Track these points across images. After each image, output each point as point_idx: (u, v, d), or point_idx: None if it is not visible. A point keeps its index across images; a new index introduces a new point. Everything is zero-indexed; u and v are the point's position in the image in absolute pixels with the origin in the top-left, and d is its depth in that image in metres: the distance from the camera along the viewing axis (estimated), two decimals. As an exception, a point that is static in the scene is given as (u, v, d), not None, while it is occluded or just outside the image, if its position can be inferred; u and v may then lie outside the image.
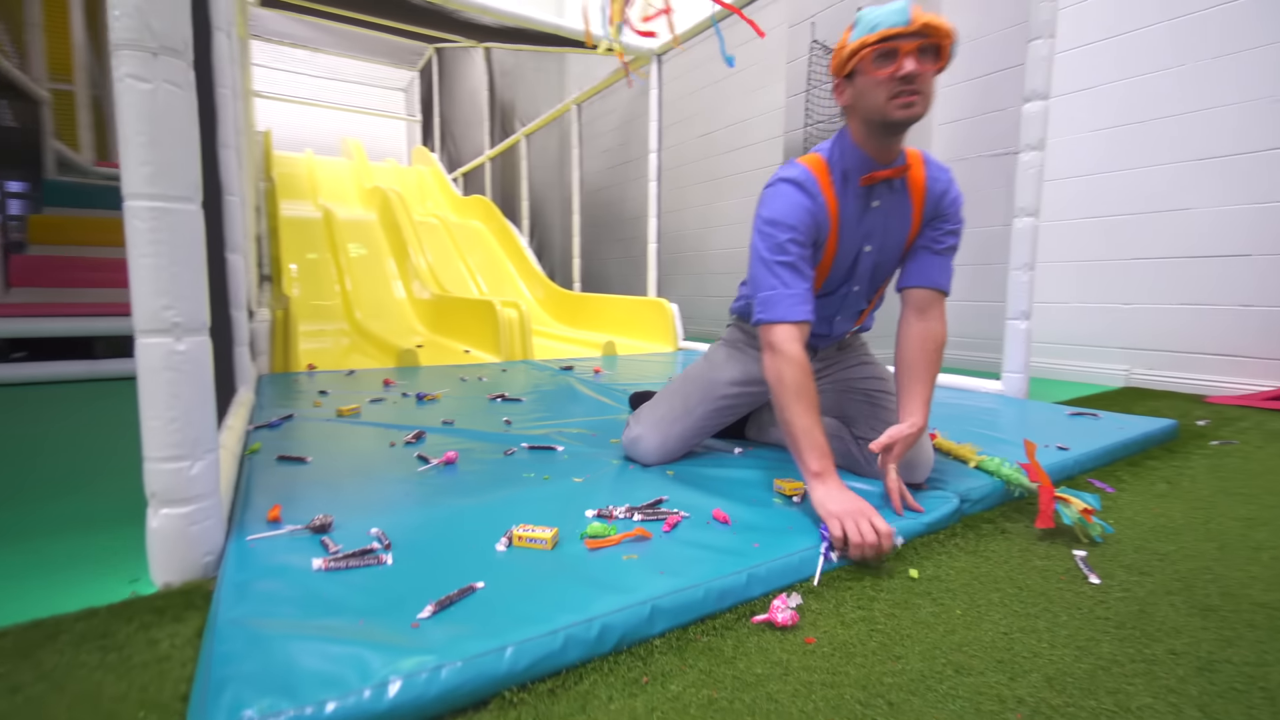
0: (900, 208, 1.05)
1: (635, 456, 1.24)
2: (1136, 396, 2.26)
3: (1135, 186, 2.45)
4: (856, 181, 1.02)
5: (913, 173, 1.05)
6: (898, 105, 0.92)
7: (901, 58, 0.90)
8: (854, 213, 1.03)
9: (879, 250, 1.08)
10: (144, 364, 0.76)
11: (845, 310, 1.16)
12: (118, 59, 0.72)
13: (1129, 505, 1.13)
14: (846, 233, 1.04)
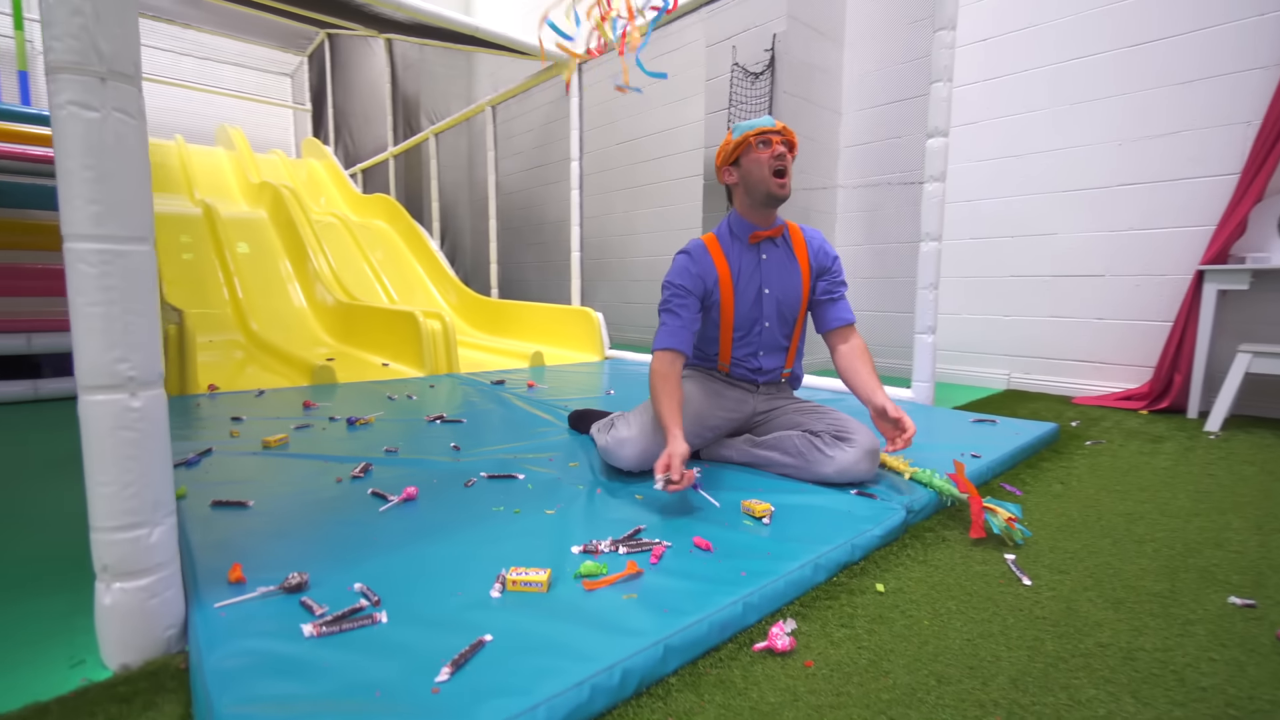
0: (788, 259, 1.39)
1: (615, 458, 1.32)
2: (1018, 399, 2.57)
3: (1011, 212, 2.77)
4: (746, 241, 1.36)
5: (793, 234, 1.42)
6: (775, 184, 1.29)
7: (775, 144, 1.29)
8: (748, 265, 1.36)
9: (779, 292, 1.38)
10: (93, 425, 0.68)
11: (765, 345, 1.41)
12: (57, 84, 0.64)
13: (1035, 506, 1.30)
14: (742, 281, 1.36)
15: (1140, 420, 2.15)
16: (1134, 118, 2.42)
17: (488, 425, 1.84)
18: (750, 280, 1.36)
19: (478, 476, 1.32)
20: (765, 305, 1.37)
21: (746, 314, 1.37)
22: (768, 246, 1.38)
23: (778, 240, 1.39)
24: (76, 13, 0.63)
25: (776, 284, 1.38)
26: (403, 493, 1.18)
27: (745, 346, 1.40)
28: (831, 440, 1.28)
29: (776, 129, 1.30)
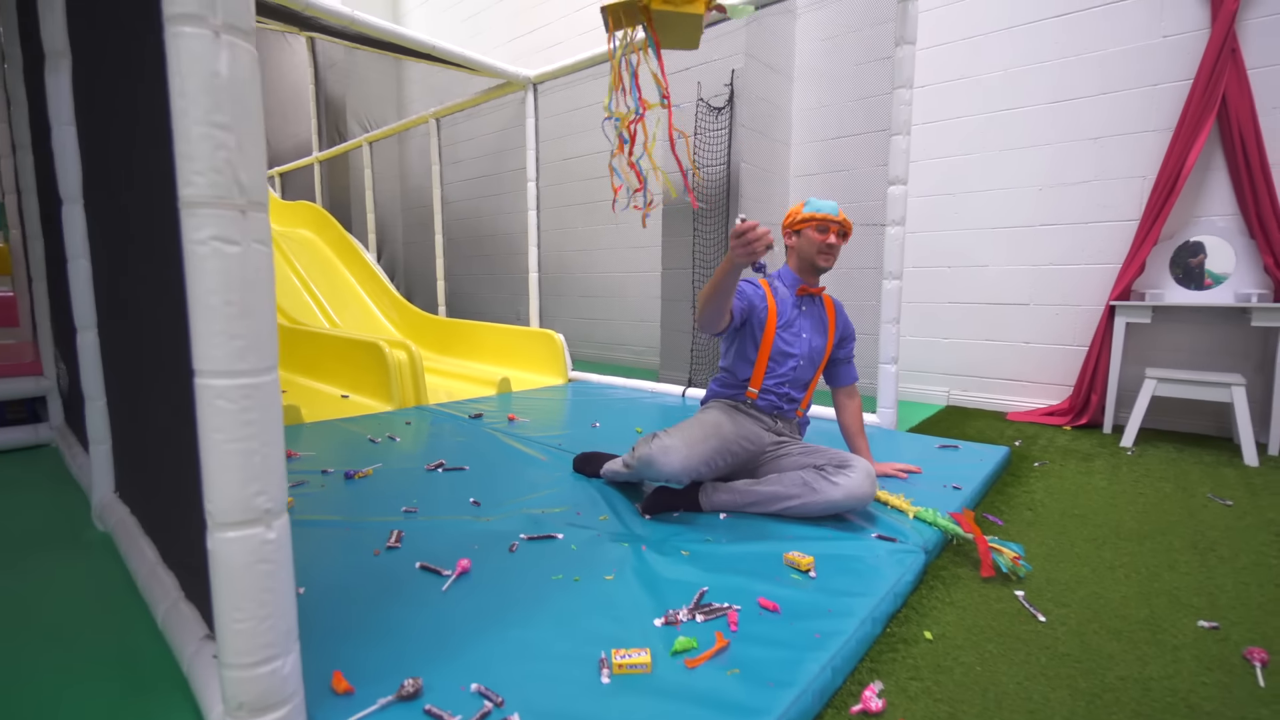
0: (820, 316, 1.66)
1: (660, 465, 1.39)
2: (962, 416, 2.85)
3: (949, 245, 3.05)
4: (794, 292, 1.62)
5: (827, 301, 1.70)
6: (823, 259, 1.59)
7: (830, 233, 1.57)
8: (789, 310, 1.61)
9: (811, 339, 1.62)
10: (229, 561, 0.66)
11: (793, 382, 1.61)
12: (195, 220, 0.62)
13: (1019, 537, 1.48)
14: (784, 319, 1.59)
15: (1068, 437, 2.45)
16: (1053, 166, 2.74)
17: (491, 471, 1.83)
18: (793, 324, 1.60)
19: (518, 539, 1.33)
20: (800, 346, 1.60)
21: (784, 348, 1.58)
22: (807, 301, 1.64)
23: (816, 299, 1.66)
24: (221, 146, 0.62)
25: (809, 333, 1.62)
26: (457, 567, 1.18)
27: (777, 378, 1.59)
28: (835, 469, 1.43)
29: (837, 219, 1.57)
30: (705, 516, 1.48)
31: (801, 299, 1.63)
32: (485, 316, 5.36)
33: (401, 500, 1.58)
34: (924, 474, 1.81)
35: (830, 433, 2.12)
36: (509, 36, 4.98)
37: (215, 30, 0.61)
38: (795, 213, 1.61)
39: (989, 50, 2.84)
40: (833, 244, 1.57)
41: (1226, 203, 2.39)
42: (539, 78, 3.62)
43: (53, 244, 1.89)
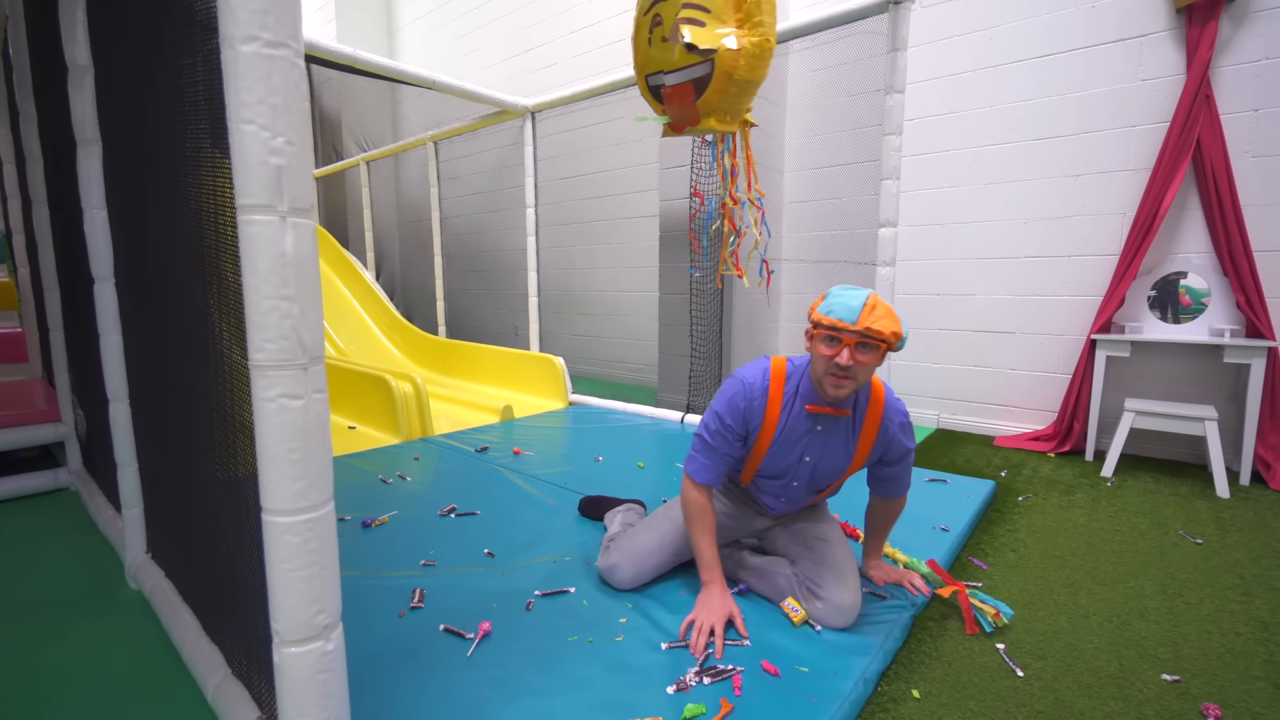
0: (843, 436, 1.26)
1: (610, 582, 1.44)
2: (951, 440, 2.95)
3: (937, 274, 3.15)
4: (805, 405, 1.22)
5: (872, 407, 1.24)
6: (830, 383, 1.13)
7: (842, 347, 1.10)
8: (796, 427, 1.24)
9: (817, 463, 1.28)
10: (294, 673, 0.75)
11: (789, 496, 1.36)
12: (265, 380, 0.70)
13: (1002, 582, 1.58)
14: (785, 440, 1.25)
15: (1052, 465, 2.56)
16: (1037, 201, 2.83)
17: (502, 516, 1.91)
18: (792, 445, 1.26)
19: (533, 596, 1.42)
20: (799, 471, 1.30)
21: (776, 469, 1.31)
22: (826, 420, 1.24)
23: (840, 419, 1.25)
24: (286, 316, 0.70)
25: (817, 456, 1.27)
26: (479, 630, 1.26)
27: (767, 488, 1.37)
28: (807, 593, 1.30)
29: (853, 329, 1.07)
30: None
31: (817, 418, 1.23)
32: (484, 333, 5.43)
33: (418, 551, 1.66)
34: (914, 512, 1.90)
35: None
36: (503, 56, 5.03)
37: (282, 215, 0.69)
38: (815, 305, 1.17)
39: (974, 87, 2.93)
40: (846, 365, 1.09)
41: (1201, 241, 2.49)
42: (537, 107, 3.69)
43: (70, 299, 1.96)
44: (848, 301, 1.09)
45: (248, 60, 0.66)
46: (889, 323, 1.08)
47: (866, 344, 1.09)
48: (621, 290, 4.44)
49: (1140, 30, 2.53)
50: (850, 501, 1.91)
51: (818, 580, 1.30)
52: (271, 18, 0.66)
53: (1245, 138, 2.36)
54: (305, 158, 0.71)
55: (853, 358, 1.09)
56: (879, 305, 1.09)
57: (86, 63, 1.36)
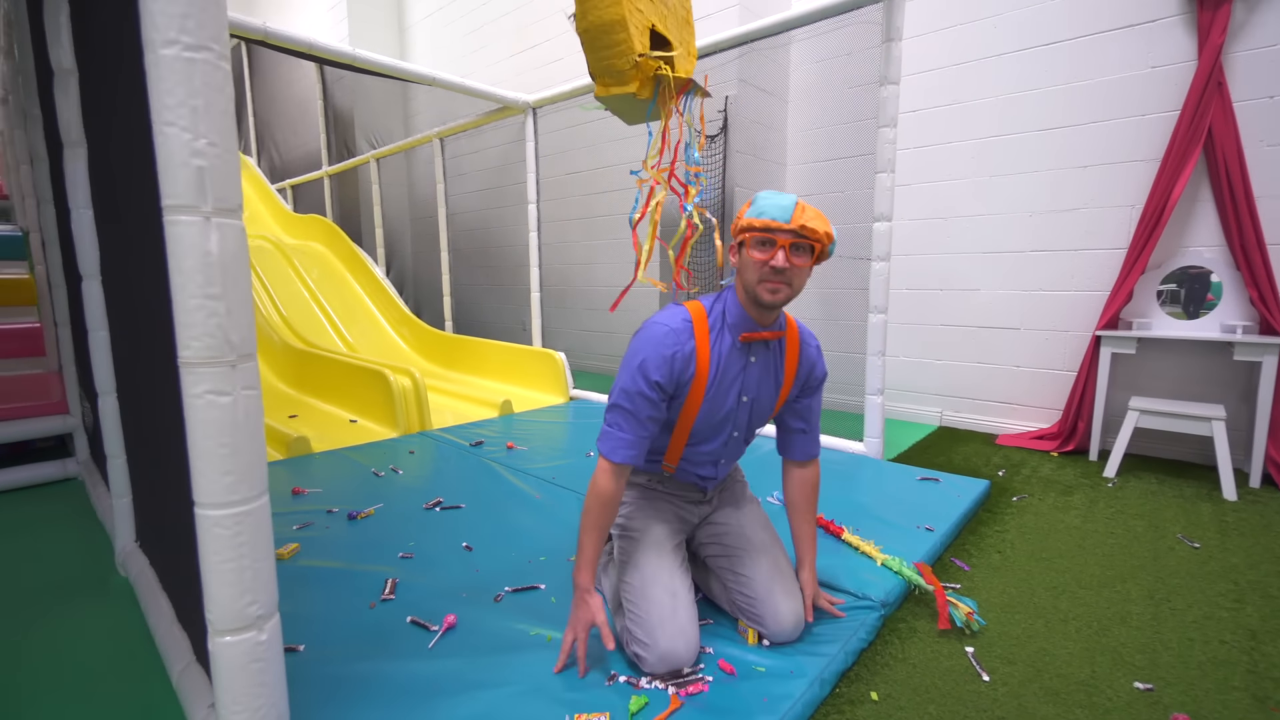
0: (775, 366, 1.20)
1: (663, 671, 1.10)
2: (952, 438, 2.90)
3: (941, 268, 3.09)
4: (736, 337, 1.14)
5: (790, 337, 1.22)
6: (765, 289, 1.07)
7: (776, 249, 1.04)
8: (731, 364, 1.15)
9: (754, 401, 1.20)
10: (227, 662, 0.76)
11: (728, 454, 1.27)
12: (193, 377, 0.72)
13: (982, 584, 1.55)
14: (720, 385, 1.15)
15: (1053, 465, 2.50)
16: (1043, 193, 2.76)
17: (486, 510, 1.93)
18: (730, 385, 1.16)
19: (503, 590, 1.43)
20: (739, 415, 1.20)
21: (715, 422, 1.18)
22: (759, 349, 1.17)
23: (771, 343, 1.19)
24: (212, 315, 0.71)
25: (754, 392, 1.19)
26: (444, 622, 1.28)
27: (702, 453, 1.23)
28: (751, 619, 1.22)
29: (787, 228, 1.03)
30: (682, 564, 1.56)
31: (751, 347, 1.16)
32: (491, 328, 5.48)
33: (400, 543, 1.69)
34: (898, 507, 1.88)
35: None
36: (510, 52, 5.05)
37: (206, 216, 0.70)
38: (740, 216, 1.10)
39: (979, 77, 2.86)
40: (781, 267, 1.04)
41: (1213, 234, 2.40)
42: (538, 102, 3.69)
43: (74, 295, 2.02)
44: (778, 202, 1.05)
45: (168, 64, 0.67)
46: (821, 222, 1.05)
47: (800, 245, 1.05)
48: (623, 284, 4.43)
49: (1150, 15, 2.44)
50: (825, 496, 1.89)
51: (754, 612, 1.21)
52: (192, 21, 0.67)
53: (1259, 126, 2.27)
54: (231, 159, 0.72)
55: (788, 259, 1.04)
56: (808, 207, 1.06)
57: (71, 66, 1.40)
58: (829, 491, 2.04)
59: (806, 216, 1.04)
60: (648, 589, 1.15)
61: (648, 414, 1.11)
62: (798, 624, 1.20)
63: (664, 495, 1.31)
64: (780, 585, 1.22)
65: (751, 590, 1.22)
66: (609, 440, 1.13)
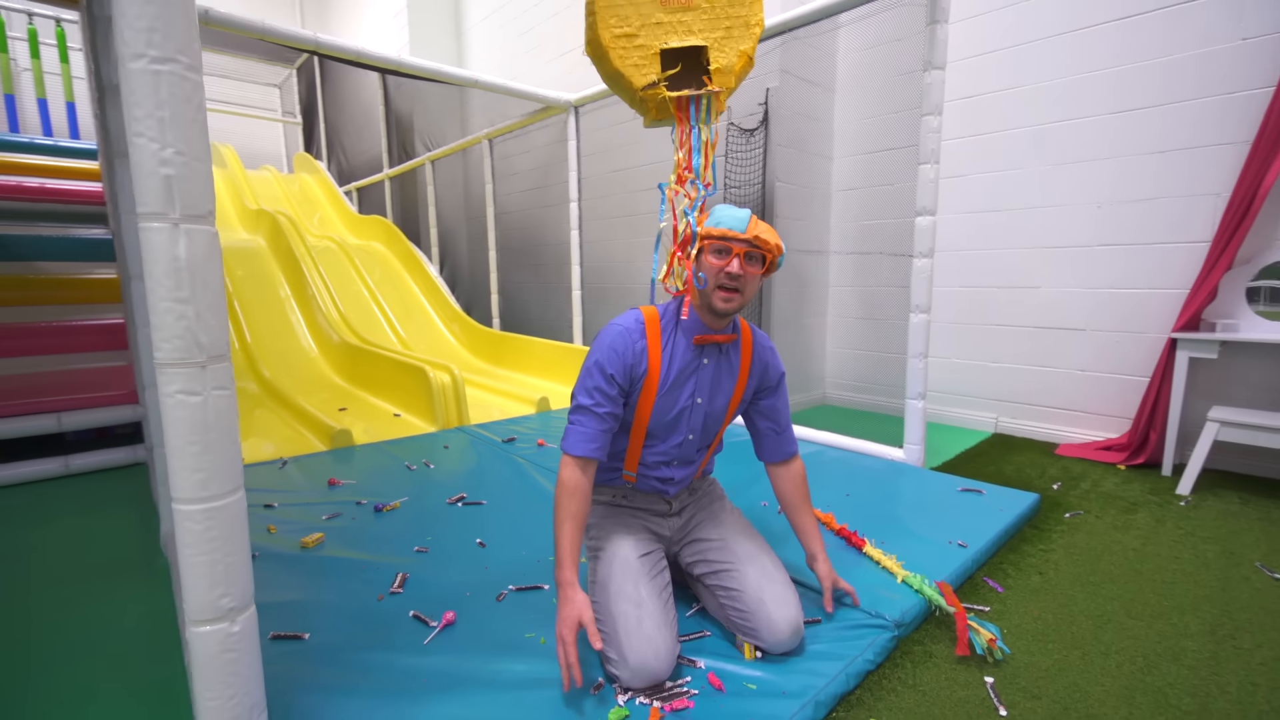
0: (728, 369, 1.25)
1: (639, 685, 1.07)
2: (1006, 447, 2.71)
3: (998, 264, 2.89)
4: (689, 340, 1.20)
5: (744, 340, 1.27)
6: (720, 296, 1.15)
7: (732, 257, 1.13)
8: (683, 367, 1.20)
9: (708, 404, 1.24)
10: (202, 651, 0.79)
11: (683, 457, 1.27)
12: (165, 376, 0.75)
13: (1015, 609, 1.43)
14: (671, 384, 1.19)
15: (1118, 479, 2.29)
16: (1114, 182, 2.53)
17: (506, 507, 1.95)
18: (681, 386, 1.20)
19: (507, 590, 1.44)
20: (692, 416, 1.22)
21: (668, 422, 1.21)
22: (712, 352, 1.22)
23: (724, 346, 1.24)
24: (181, 317, 0.74)
25: (707, 395, 1.23)
26: (443, 619, 1.29)
27: (657, 455, 1.25)
28: (746, 633, 1.16)
29: (743, 237, 1.11)
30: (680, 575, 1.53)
31: (704, 350, 1.21)
32: (538, 325, 5.56)
33: (419, 537, 1.73)
34: (934, 520, 1.77)
35: (852, 462, 2.09)
36: (559, 52, 5.09)
37: (174, 222, 0.73)
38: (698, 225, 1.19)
39: (1041, 58, 2.65)
40: (736, 274, 1.11)
41: (1315, 224, 2.13)
42: (579, 101, 3.71)
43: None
44: (734, 213, 1.15)
45: (137, 76, 0.70)
46: (772, 235, 1.16)
47: (753, 254, 1.14)
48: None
49: (1242, -19, 2.19)
50: (844, 507, 1.80)
51: (748, 625, 1.16)
52: (158, 34, 0.70)
53: (1375, 101, 1.99)
54: (200, 167, 0.74)
55: (742, 267, 1.13)
56: (760, 221, 1.16)
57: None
58: (858, 500, 1.95)
59: (760, 229, 1.14)
60: (612, 604, 1.12)
61: (606, 409, 1.16)
62: (795, 631, 1.15)
63: (629, 510, 1.31)
64: (770, 593, 1.17)
65: (742, 603, 1.18)
66: (570, 437, 1.17)
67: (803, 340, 3.44)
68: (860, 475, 2.22)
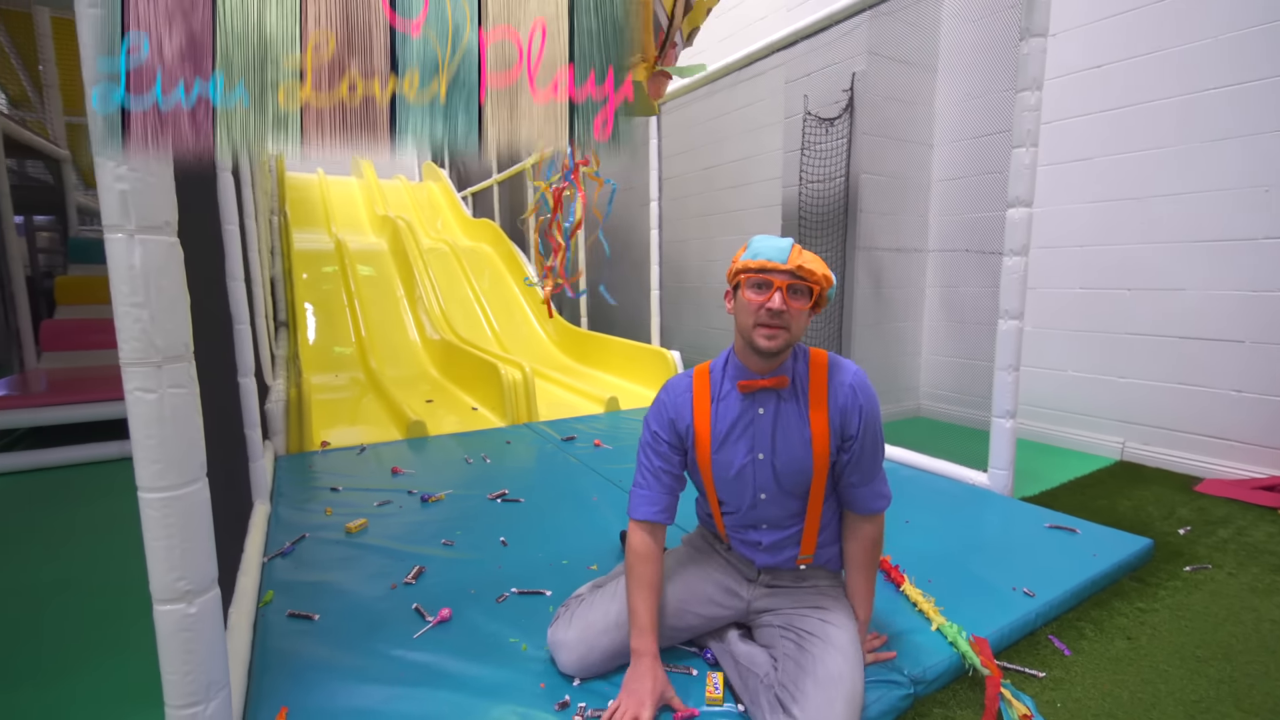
0: (796, 417, 1.07)
1: (556, 661, 1.13)
2: (1129, 478, 2.29)
3: (1130, 262, 2.44)
4: (735, 387, 1.08)
5: (814, 377, 1.07)
6: (761, 334, 1.01)
7: (773, 291, 0.99)
8: (735, 419, 1.08)
9: (774, 458, 1.07)
10: (162, 628, 0.86)
11: (768, 520, 1.11)
12: (128, 374, 0.81)
13: (1082, 677, 1.19)
14: (724, 440, 1.08)
15: (1272, 529, 1.84)
16: (1288, 159, 2.04)
17: (541, 507, 1.97)
18: (736, 440, 1.08)
19: (509, 592, 1.44)
20: (759, 474, 1.08)
21: (729, 481, 1.10)
22: (767, 399, 1.07)
23: (783, 392, 1.07)
24: (137, 320, 0.80)
25: (769, 448, 1.07)
26: (438, 615, 1.32)
27: (738, 518, 1.13)
28: (775, 703, 0.96)
29: (784, 268, 0.98)
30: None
31: (756, 398, 1.07)
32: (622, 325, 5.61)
33: (448, 530, 1.79)
34: (1004, 560, 1.53)
35: (924, 484, 1.88)
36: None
37: (130, 233, 0.79)
38: (735, 260, 1.05)
39: (1189, 15, 2.19)
40: (778, 309, 0.98)
41: None
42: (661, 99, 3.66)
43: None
44: (774, 243, 1.01)
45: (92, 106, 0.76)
46: (818, 265, 1.02)
47: (798, 287, 1.00)
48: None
49: None
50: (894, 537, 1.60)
51: (794, 690, 0.95)
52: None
53: None
54: (155, 181, 0.80)
55: (785, 302, 0.99)
56: (805, 251, 1.02)
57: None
58: (918, 528, 1.74)
59: (804, 259, 1.00)
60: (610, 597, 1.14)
61: (659, 466, 1.12)
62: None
63: (720, 559, 1.21)
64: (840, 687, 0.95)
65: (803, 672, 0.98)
66: (633, 500, 1.14)
67: (890, 347, 3.14)
68: (929, 500, 1.98)
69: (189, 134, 0.77)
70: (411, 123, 0.88)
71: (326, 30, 0.81)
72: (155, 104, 0.75)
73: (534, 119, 0.94)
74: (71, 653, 1.31)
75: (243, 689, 1.10)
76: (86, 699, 1.18)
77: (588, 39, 0.96)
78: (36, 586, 1.59)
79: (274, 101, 0.80)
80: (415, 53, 0.87)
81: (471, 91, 0.90)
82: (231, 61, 0.78)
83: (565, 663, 1.11)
